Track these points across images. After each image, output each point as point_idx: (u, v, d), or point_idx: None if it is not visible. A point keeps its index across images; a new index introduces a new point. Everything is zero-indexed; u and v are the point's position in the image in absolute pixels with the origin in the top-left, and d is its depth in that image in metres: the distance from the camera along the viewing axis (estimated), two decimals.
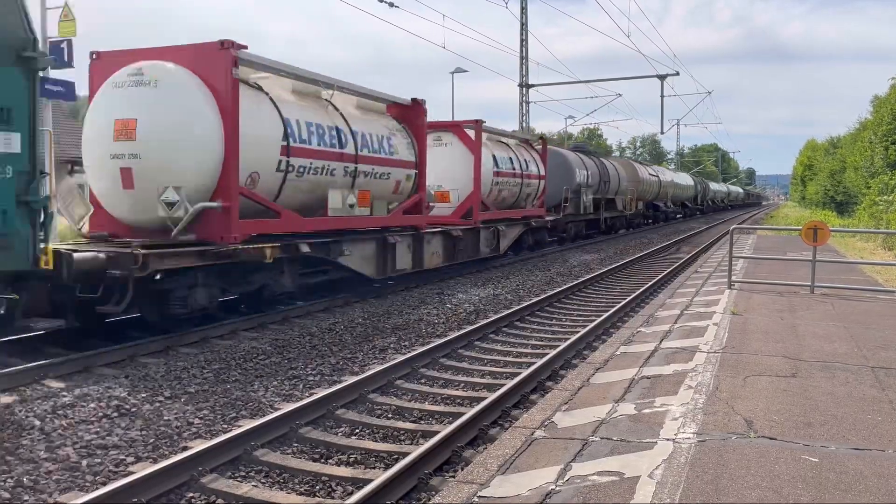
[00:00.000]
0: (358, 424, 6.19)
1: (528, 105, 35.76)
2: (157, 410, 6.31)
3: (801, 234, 11.27)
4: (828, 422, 4.93)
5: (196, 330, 9.09)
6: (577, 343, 9.09)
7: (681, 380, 5.98)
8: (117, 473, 4.99)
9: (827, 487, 3.83)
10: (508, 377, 7.60)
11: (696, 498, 3.67)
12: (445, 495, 3.91)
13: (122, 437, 5.64)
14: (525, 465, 4.27)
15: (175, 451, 5.41)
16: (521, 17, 35.06)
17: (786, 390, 5.66)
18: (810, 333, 7.94)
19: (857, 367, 6.47)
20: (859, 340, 7.62)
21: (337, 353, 8.63)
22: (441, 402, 6.96)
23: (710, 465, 4.11)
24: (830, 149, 56.24)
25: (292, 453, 5.53)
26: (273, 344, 8.93)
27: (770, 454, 4.29)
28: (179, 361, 7.93)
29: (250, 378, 7.45)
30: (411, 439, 5.87)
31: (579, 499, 3.72)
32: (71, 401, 6.43)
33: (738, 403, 5.29)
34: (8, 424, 5.79)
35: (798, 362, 6.59)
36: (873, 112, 35.85)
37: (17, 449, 5.31)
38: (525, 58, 35.29)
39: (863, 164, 34.12)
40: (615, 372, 6.46)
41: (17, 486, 4.73)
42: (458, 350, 8.88)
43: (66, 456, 5.24)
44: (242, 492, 4.76)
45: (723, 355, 6.83)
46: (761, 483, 3.86)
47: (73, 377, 7.17)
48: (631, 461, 4.20)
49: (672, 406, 5.26)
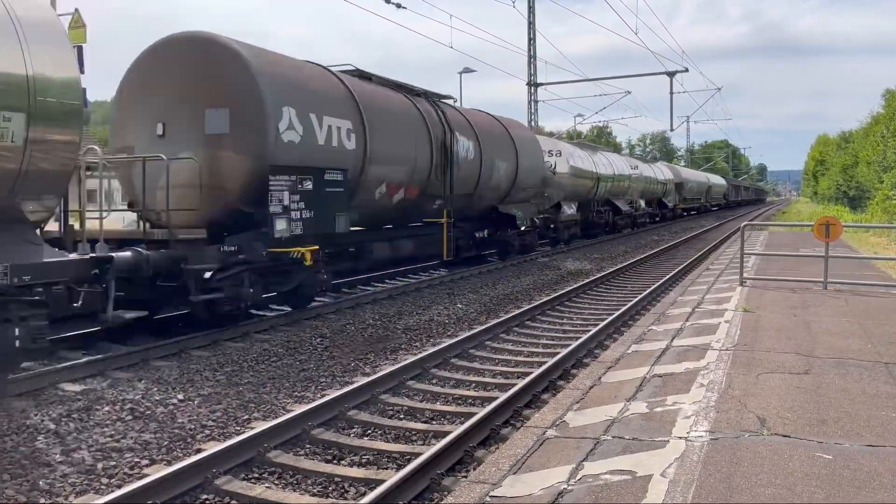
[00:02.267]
0: (370, 425, 6.20)
1: (536, 104, 35.72)
2: (170, 413, 6.36)
3: (814, 230, 11.20)
4: (841, 419, 4.90)
5: (207, 333, 9.16)
6: (588, 342, 9.07)
7: (693, 378, 5.96)
8: (132, 476, 5.04)
9: (841, 485, 3.81)
10: (520, 377, 7.61)
11: (709, 496, 3.66)
12: (458, 495, 3.91)
13: (136, 440, 5.68)
14: (537, 464, 4.26)
15: (189, 453, 5.45)
16: (529, 16, 35.02)
17: (799, 387, 5.63)
18: (823, 330, 7.89)
19: (872, 363, 6.42)
20: (873, 336, 7.56)
21: (348, 355, 8.65)
22: (452, 402, 6.97)
23: (723, 463, 4.10)
24: (842, 143, 55.82)
25: (305, 454, 5.56)
26: (285, 346, 8.96)
27: (783, 452, 4.27)
28: (192, 364, 7.98)
29: (262, 380, 7.49)
30: (423, 440, 5.89)
31: (591, 498, 3.71)
32: (85, 404, 6.49)
33: (750, 401, 5.26)
34: (23, 428, 5.85)
35: (811, 359, 6.55)
36: (885, 106, 35.57)
37: (33, 452, 5.37)
38: (533, 56, 35.24)
39: (875, 158, 33.86)
40: (627, 370, 6.44)
41: (32, 489, 4.78)
42: (469, 350, 8.88)
43: (81, 459, 5.29)
44: (256, 493, 4.79)
45: (735, 353, 6.80)
46: (775, 481, 3.85)
47: (86, 380, 7.23)
48: (643, 460, 4.20)
49: (684, 404, 5.24)
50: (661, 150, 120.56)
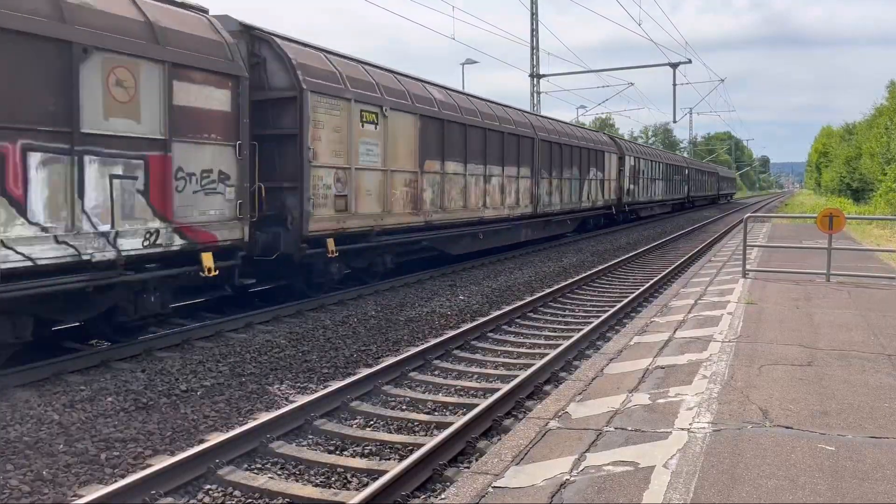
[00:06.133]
0: (372, 416, 6.22)
1: (539, 95, 35.62)
2: (173, 404, 6.37)
3: (817, 222, 11.18)
4: (844, 410, 4.90)
5: (210, 324, 9.19)
6: (590, 334, 9.07)
7: (695, 369, 5.96)
8: (136, 466, 5.05)
9: (843, 476, 3.81)
10: (522, 368, 7.61)
11: (712, 488, 3.67)
12: (460, 486, 3.92)
13: (139, 431, 5.70)
14: (539, 455, 4.27)
15: (192, 443, 5.46)
16: (532, 7, 34.87)
17: (801, 379, 5.62)
18: (826, 322, 7.88)
19: (874, 355, 6.42)
20: (876, 328, 7.55)
21: (351, 346, 8.66)
22: (455, 393, 6.98)
23: (726, 454, 4.10)
24: (846, 135, 55.61)
25: (308, 445, 5.57)
26: (287, 337, 8.97)
27: (786, 443, 4.27)
28: (195, 355, 8.00)
29: (265, 371, 7.50)
30: (426, 431, 5.90)
31: (594, 489, 3.72)
32: (89, 395, 6.50)
33: (753, 393, 5.26)
34: (27, 418, 5.87)
35: (814, 351, 6.55)
36: (889, 98, 35.42)
37: (37, 442, 5.39)
38: (536, 48, 35.11)
39: (879, 150, 33.73)
40: (629, 362, 6.44)
41: (36, 479, 4.80)
42: (471, 341, 8.89)
43: (84, 449, 5.30)
44: (259, 483, 4.80)
45: (737, 344, 6.79)
46: (777, 472, 3.85)
47: (90, 371, 7.24)
48: (646, 451, 4.20)
49: (687, 396, 5.24)
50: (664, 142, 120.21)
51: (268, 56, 10.50)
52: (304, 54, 10.95)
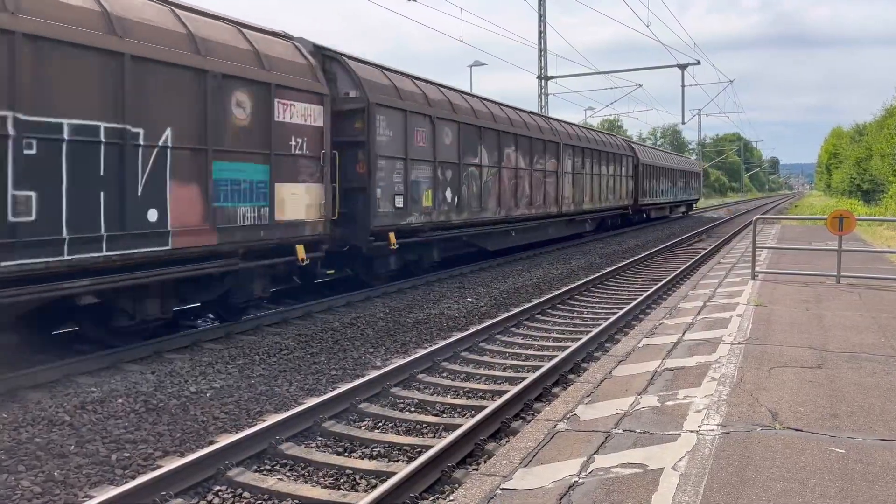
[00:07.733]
0: (381, 418, 6.23)
1: (547, 97, 35.59)
2: (183, 405, 6.40)
3: (827, 224, 11.12)
4: (854, 413, 4.87)
5: (219, 326, 9.26)
6: (598, 336, 9.06)
7: (704, 371, 5.94)
8: (146, 467, 5.08)
9: (854, 479, 3.79)
10: (530, 370, 7.61)
11: (721, 489, 3.66)
12: (468, 488, 3.93)
13: (149, 432, 5.73)
14: (548, 457, 4.27)
15: (202, 445, 5.49)
16: (539, 9, 34.87)
17: (811, 381, 5.60)
18: (836, 324, 7.84)
19: (885, 357, 6.38)
20: (887, 330, 7.51)
21: (359, 348, 8.68)
22: (463, 395, 6.98)
23: (735, 456, 4.09)
24: (856, 136, 55.24)
25: (317, 447, 5.59)
26: (296, 339, 9.00)
27: (796, 445, 4.26)
28: (205, 357, 8.04)
29: (274, 373, 7.53)
30: (434, 432, 5.90)
31: (602, 491, 3.72)
32: (99, 396, 6.55)
33: (762, 395, 5.24)
34: (39, 419, 5.91)
35: (824, 353, 6.52)
36: None
37: (48, 444, 5.42)
38: (543, 50, 35.11)
39: (889, 151, 33.50)
40: (638, 364, 6.43)
41: (48, 480, 4.83)
42: (479, 343, 8.89)
43: (95, 450, 5.34)
44: (268, 485, 4.82)
45: (747, 346, 6.77)
46: (787, 475, 3.83)
47: (100, 373, 7.29)
48: (654, 453, 4.19)
49: (695, 398, 5.23)
50: (673, 144, 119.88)
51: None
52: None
